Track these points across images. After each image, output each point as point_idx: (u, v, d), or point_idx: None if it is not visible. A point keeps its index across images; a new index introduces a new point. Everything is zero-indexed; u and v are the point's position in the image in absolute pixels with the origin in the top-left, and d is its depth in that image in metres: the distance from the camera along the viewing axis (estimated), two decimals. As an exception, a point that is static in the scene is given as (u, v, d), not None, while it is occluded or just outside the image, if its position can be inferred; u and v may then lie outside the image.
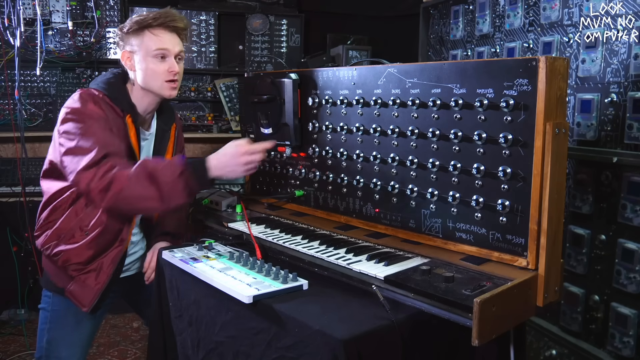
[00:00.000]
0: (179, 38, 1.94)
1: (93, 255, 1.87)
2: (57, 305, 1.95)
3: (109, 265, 1.89)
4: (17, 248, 3.32)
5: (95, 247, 1.86)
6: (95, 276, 1.88)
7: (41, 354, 1.97)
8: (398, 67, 1.67)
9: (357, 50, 3.94)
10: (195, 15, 3.86)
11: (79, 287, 1.88)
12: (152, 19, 1.88)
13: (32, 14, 3.34)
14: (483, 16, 2.61)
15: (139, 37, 1.89)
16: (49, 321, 1.96)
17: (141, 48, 1.89)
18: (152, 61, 1.88)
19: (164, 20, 1.89)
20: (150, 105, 1.98)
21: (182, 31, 1.96)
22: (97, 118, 1.80)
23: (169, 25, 1.90)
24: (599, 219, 2.04)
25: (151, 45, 1.87)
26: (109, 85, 1.91)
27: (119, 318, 3.64)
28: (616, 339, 1.96)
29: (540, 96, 1.33)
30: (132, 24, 1.89)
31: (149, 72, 1.89)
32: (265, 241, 1.77)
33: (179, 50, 1.93)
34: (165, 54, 1.89)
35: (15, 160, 3.38)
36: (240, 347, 1.47)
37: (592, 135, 2.05)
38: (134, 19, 1.90)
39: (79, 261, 1.86)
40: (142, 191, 1.69)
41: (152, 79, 1.90)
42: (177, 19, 1.92)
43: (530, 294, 1.36)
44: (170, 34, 1.91)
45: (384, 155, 1.73)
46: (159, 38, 1.88)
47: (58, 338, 1.95)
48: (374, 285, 1.40)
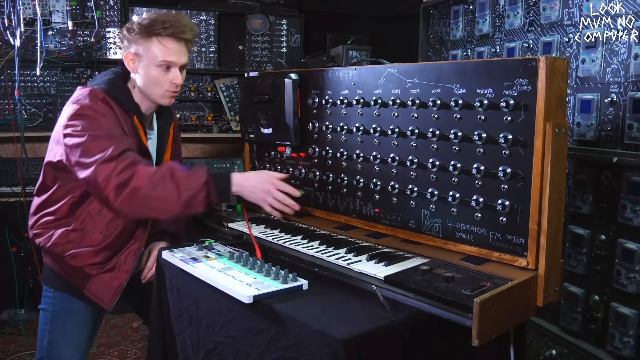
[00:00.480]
0: (186, 48, 1.91)
1: (111, 255, 1.88)
2: (58, 306, 1.94)
3: (128, 261, 1.89)
4: (16, 248, 3.31)
5: (113, 247, 1.87)
6: (115, 274, 1.88)
7: (42, 354, 1.96)
8: (398, 67, 1.67)
9: (357, 50, 3.93)
10: (195, 15, 3.86)
11: (98, 285, 1.87)
12: (161, 28, 1.84)
13: (32, 14, 3.33)
14: (483, 16, 2.61)
15: (145, 42, 1.85)
16: (49, 322, 1.95)
17: (147, 55, 1.86)
18: (157, 70, 1.86)
19: (173, 30, 1.85)
20: (150, 108, 1.99)
21: (190, 42, 1.93)
22: (109, 115, 1.79)
23: (179, 36, 1.87)
24: (599, 219, 2.04)
25: (158, 55, 1.85)
26: (112, 86, 1.89)
27: (119, 318, 3.64)
28: (616, 339, 1.96)
29: (540, 96, 1.33)
30: (140, 28, 1.85)
31: (152, 79, 1.88)
32: (265, 241, 1.77)
33: (185, 62, 1.91)
34: (171, 65, 1.87)
35: (15, 160, 3.37)
36: (240, 347, 1.47)
37: (592, 135, 2.05)
38: (143, 22, 1.86)
39: (97, 261, 1.86)
40: (163, 193, 1.67)
41: (154, 86, 1.89)
42: (187, 30, 1.89)
43: (530, 294, 1.36)
44: (178, 45, 1.88)
45: (384, 155, 1.73)
46: (166, 49, 1.85)
47: (59, 339, 1.95)
48: (374, 285, 1.40)
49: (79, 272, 1.87)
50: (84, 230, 1.85)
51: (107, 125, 1.76)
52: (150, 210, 1.75)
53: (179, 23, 1.87)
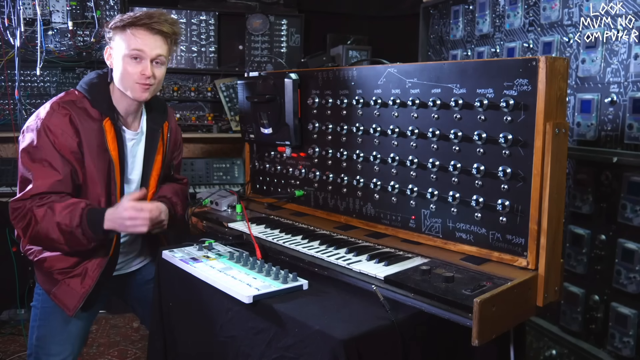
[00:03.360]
0: (163, 41, 1.85)
1: (77, 261, 1.87)
2: (47, 303, 1.94)
3: (95, 269, 1.88)
4: (16, 248, 3.31)
5: (79, 253, 1.85)
6: (80, 280, 1.87)
7: (31, 350, 1.96)
8: (398, 67, 1.67)
9: (357, 50, 3.94)
10: (195, 15, 3.86)
11: (63, 291, 1.87)
12: (135, 18, 1.81)
13: (32, 14, 3.33)
14: (483, 16, 2.61)
15: (120, 35, 1.83)
16: (38, 318, 1.96)
17: (119, 47, 1.83)
18: (127, 61, 1.82)
19: (147, 21, 1.81)
20: (130, 106, 1.94)
21: (168, 36, 1.86)
22: (57, 134, 1.78)
23: (153, 27, 1.81)
24: (599, 219, 2.04)
25: (129, 44, 1.81)
26: (90, 87, 1.88)
27: (119, 318, 3.64)
28: (616, 339, 1.96)
29: (540, 96, 1.33)
30: (116, 21, 1.83)
31: (122, 72, 1.84)
32: (265, 241, 1.77)
33: (157, 54, 1.83)
34: (140, 55, 1.82)
35: (15, 160, 3.37)
36: (240, 347, 1.47)
37: (592, 135, 2.05)
38: (123, 17, 1.83)
39: (64, 266, 1.86)
40: (52, 234, 1.74)
41: (124, 79, 1.85)
42: (162, 22, 1.83)
43: (530, 294, 1.36)
44: (153, 37, 1.82)
45: (384, 155, 1.73)
46: (136, 39, 1.81)
47: (47, 335, 1.95)
48: (374, 285, 1.40)
49: (49, 276, 1.89)
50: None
51: (44, 151, 1.77)
52: (52, 248, 1.83)
53: (155, 15, 1.84)
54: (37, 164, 1.78)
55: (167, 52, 1.88)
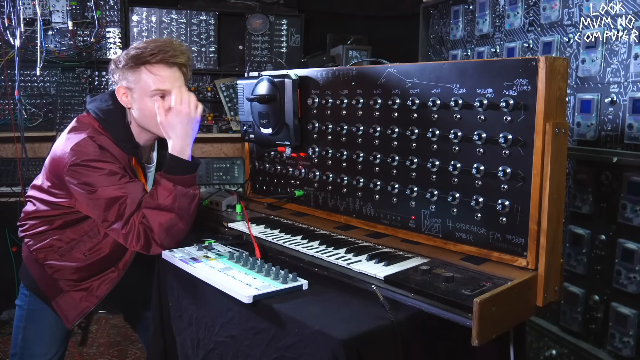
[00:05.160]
0: (180, 72, 1.82)
1: (87, 277, 1.87)
2: (34, 305, 1.93)
3: (101, 288, 1.88)
4: (16, 248, 3.31)
5: (91, 270, 1.86)
6: (85, 296, 1.87)
7: (15, 350, 1.95)
8: (398, 67, 1.67)
9: (357, 50, 3.94)
10: (195, 15, 3.86)
11: (67, 302, 1.86)
12: (149, 55, 1.74)
13: (32, 14, 3.33)
14: (483, 16, 2.61)
15: (135, 73, 1.77)
16: (24, 319, 1.94)
17: (138, 86, 1.77)
18: (151, 101, 1.77)
19: (163, 56, 1.75)
20: (148, 141, 1.92)
21: (184, 65, 1.83)
22: (112, 164, 1.72)
23: (169, 61, 1.77)
24: (599, 219, 2.04)
25: (149, 84, 1.76)
26: (111, 125, 1.81)
27: (119, 318, 3.64)
28: (616, 339, 1.96)
29: (540, 96, 1.33)
30: (127, 60, 1.76)
31: (146, 112, 1.79)
32: (265, 241, 1.77)
33: (179, 87, 1.80)
34: (165, 93, 1.78)
35: (15, 160, 3.38)
36: (240, 347, 1.47)
37: (592, 135, 2.05)
38: (130, 53, 1.77)
39: (73, 278, 1.86)
40: (165, 220, 1.71)
41: (151, 119, 1.80)
42: (178, 54, 1.79)
43: (530, 294, 1.36)
44: (170, 69, 1.78)
45: (384, 155, 1.73)
46: (157, 77, 1.76)
47: (33, 337, 1.94)
48: (374, 285, 1.40)
49: (53, 284, 1.87)
50: (70, 247, 1.84)
51: (109, 179, 1.70)
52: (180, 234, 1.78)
53: (168, 47, 1.77)
54: (108, 185, 1.71)
55: (185, 81, 1.86)
